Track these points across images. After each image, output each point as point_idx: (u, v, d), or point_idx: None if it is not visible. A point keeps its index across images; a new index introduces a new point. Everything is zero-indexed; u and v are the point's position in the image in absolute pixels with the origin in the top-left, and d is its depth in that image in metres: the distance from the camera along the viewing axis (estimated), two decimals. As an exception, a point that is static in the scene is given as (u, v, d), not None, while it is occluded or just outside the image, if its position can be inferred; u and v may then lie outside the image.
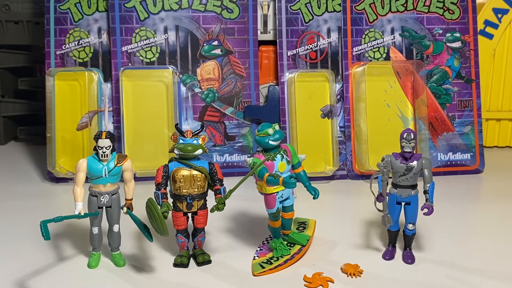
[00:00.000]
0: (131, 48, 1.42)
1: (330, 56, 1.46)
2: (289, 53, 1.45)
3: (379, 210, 0.90)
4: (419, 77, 1.43)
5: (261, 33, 1.50)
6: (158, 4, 1.43)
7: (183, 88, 1.43)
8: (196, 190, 0.89)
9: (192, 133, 0.89)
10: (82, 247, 0.97)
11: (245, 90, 1.45)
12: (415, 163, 0.88)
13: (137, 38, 1.42)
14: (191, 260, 0.93)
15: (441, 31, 1.47)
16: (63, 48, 1.42)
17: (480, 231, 1.10)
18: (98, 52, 1.43)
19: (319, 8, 1.45)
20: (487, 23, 1.64)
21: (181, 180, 0.88)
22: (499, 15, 1.64)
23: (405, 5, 1.47)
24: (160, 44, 1.43)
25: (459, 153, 1.47)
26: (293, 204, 0.94)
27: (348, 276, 0.87)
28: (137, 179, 1.02)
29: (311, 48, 1.45)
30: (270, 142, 0.88)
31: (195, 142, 0.88)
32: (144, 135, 1.39)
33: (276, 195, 0.89)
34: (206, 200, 0.91)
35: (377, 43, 1.46)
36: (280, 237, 0.94)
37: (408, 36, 1.46)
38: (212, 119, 1.44)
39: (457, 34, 1.48)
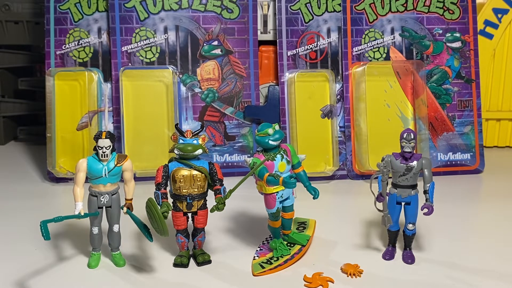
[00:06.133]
0: (131, 48, 1.42)
1: (330, 56, 1.45)
2: (289, 53, 1.45)
3: (379, 210, 0.90)
4: (419, 77, 1.43)
5: (261, 33, 1.50)
6: (158, 4, 1.43)
7: (183, 88, 1.43)
8: (196, 190, 0.89)
9: (192, 133, 0.89)
10: (82, 247, 0.97)
11: (245, 90, 1.45)
12: (415, 163, 0.88)
13: (137, 38, 1.42)
14: (191, 260, 0.93)
15: (441, 31, 1.47)
16: (63, 48, 1.42)
17: (480, 231, 1.10)
18: (98, 52, 1.43)
19: (319, 8, 1.45)
20: (487, 23, 1.64)
21: (181, 180, 0.88)
22: (499, 15, 1.64)
23: (405, 5, 1.47)
24: (160, 44, 1.43)
25: (459, 153, 1.47)
26: (293, 204, 0.94)
27: (348, 276, 0.87)
28: (137, 179, 1.02)
29: (311, 48, 1.45)
30: (270, 142, 0.88)
31: (195, 142, 0.88)
32: (144, 135, 1.39)
33: (276, 195, 0.89)
34: (206, 200, 0.91)
35: (377, 43, 1.46)
36: (280, 237, 0.94)
37: (408, 36, 1.46)
38: (212, 119, 1.44)
39: (457, 34, 1.48)
